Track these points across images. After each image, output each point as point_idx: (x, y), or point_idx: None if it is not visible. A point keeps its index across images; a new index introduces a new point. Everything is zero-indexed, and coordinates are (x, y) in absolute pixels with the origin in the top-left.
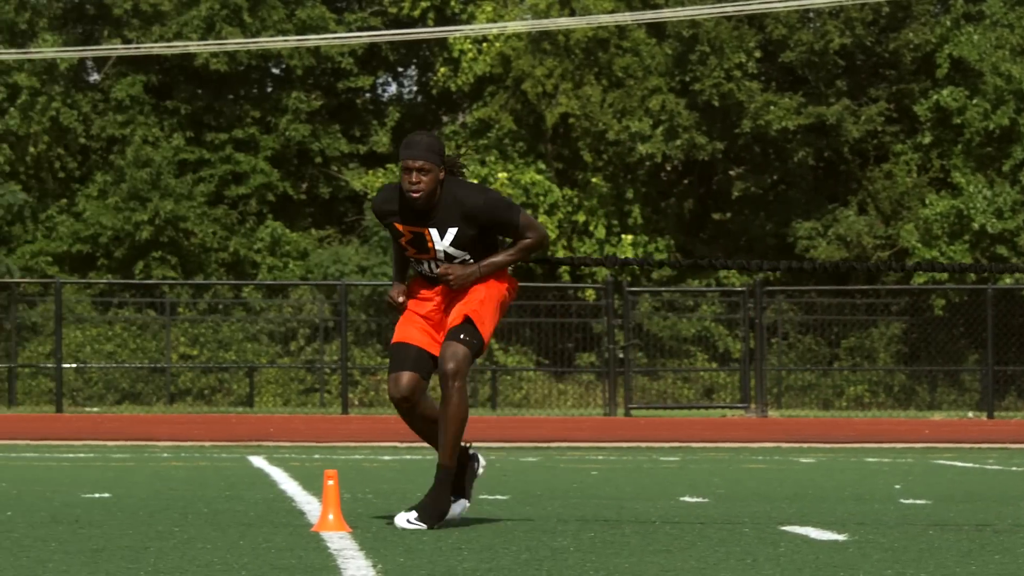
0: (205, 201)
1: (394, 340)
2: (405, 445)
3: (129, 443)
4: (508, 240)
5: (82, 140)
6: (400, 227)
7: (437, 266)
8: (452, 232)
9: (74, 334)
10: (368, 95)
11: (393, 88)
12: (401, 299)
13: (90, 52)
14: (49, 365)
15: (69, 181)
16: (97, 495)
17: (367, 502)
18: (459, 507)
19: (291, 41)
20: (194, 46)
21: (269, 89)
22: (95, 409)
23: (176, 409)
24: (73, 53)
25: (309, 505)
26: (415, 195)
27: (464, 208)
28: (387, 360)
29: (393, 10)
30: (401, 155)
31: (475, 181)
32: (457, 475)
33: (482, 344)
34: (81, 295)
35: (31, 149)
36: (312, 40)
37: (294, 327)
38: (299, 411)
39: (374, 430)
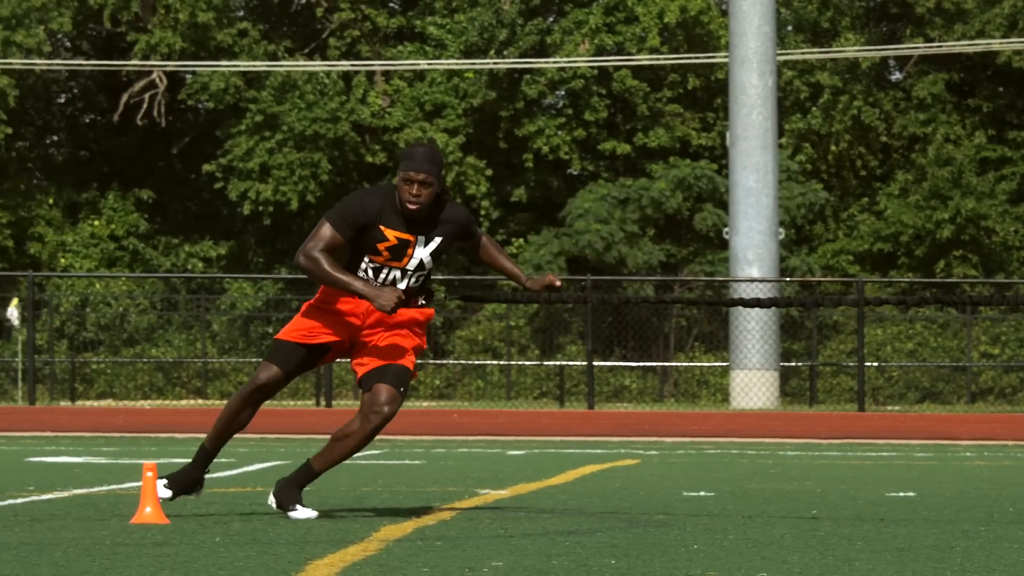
0: (1007, 199)
1: (292, 339)
2: None
3: (931, 442)
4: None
5: (883, 139)
6: (387, 231)
7: (396, 277)
8: (436, 241)
9: (875, 332)
10: None
11: None
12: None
13: (891, 51)
14: (851, 364)
15: (870, 180)
16: (901, 494)
17: None
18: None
19: None
20: (997, 44)
21: None
22: (896, 408)
23: (977, 408)
24: (874, 52)
25: None
26: (414, 207)
27: (453, 220)
28: None
29: None
30: (402, 166)
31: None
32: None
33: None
34: (882, 294)
35: (832, 148)
36: None
37: None
38: None
39: None
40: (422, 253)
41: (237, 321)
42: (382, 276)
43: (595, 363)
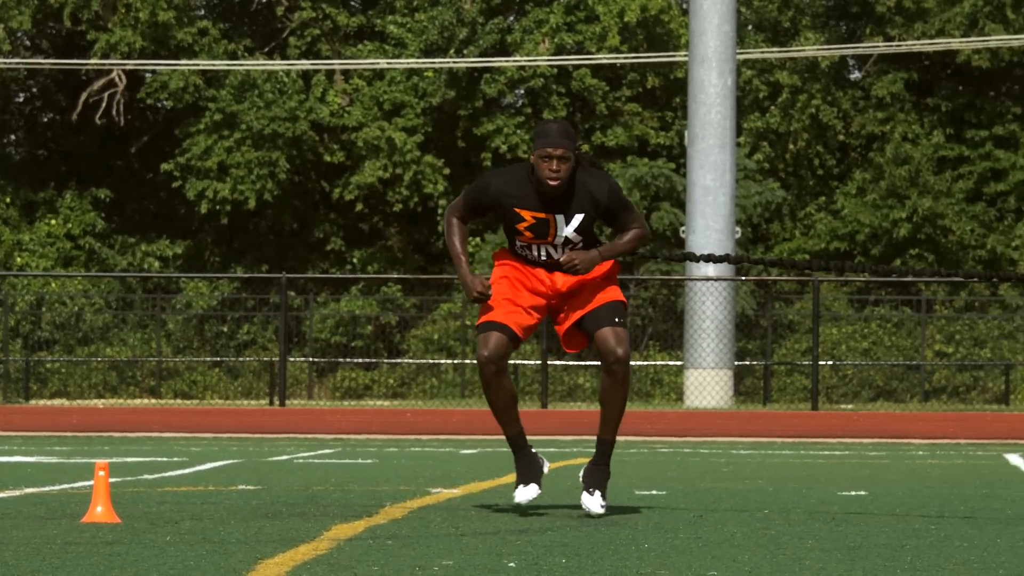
0: (964, 198)
1: (486, 319)
2: None
3: (884, 440)
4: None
5: (841, 138)
6: (522, 212)
7: (551, 252)
8: (579, 218)
9: (830, 331)
10: None
11: None
12: (488, 290)
13: (851, 50)
14: (805, 363)
15: (828, 178)
16: (853, 492)
17: None
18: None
19: None
20: (956, 43)
21: None
22: (849, 406)
23: (930, 407)
24: (834, 51)
25: None
26: (555, 183)
27: (593, 195)
28: None
29: None
30: (538, 143)
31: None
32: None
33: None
34: (838, 293)
35: (790, 147)
36: None
37: None
38: None
39: None
40: (566, 231)
41: (192, 320)
42: (535, 253)
43: (549, 362)
